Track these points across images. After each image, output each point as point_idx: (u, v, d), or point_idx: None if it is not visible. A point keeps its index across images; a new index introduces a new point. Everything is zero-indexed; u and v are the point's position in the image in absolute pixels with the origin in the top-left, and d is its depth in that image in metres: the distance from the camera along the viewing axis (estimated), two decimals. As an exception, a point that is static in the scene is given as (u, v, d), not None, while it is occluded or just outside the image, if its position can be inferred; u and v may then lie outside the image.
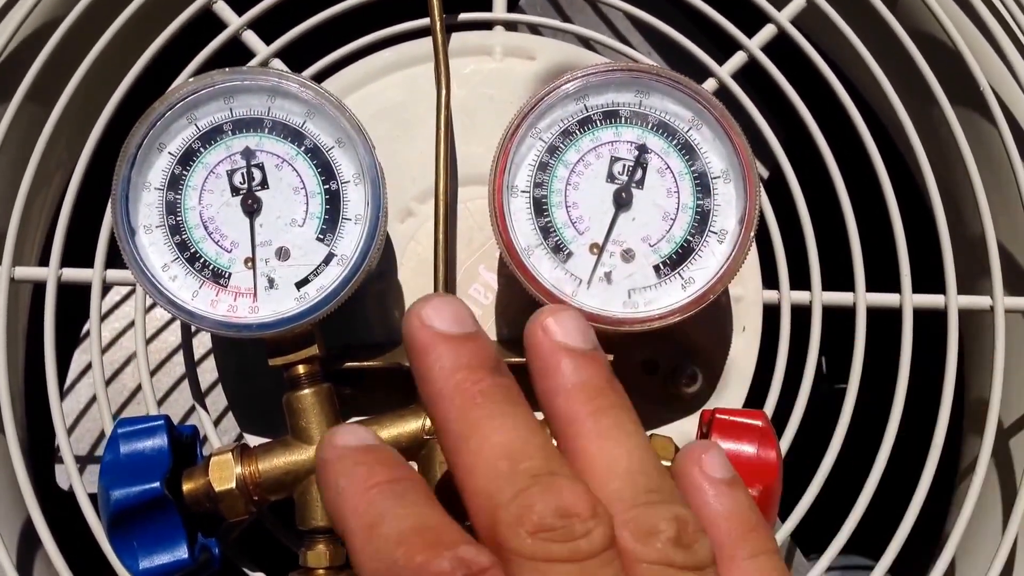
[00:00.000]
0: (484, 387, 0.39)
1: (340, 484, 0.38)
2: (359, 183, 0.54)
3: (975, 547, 0.66)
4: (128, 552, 0.53)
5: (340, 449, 0.39)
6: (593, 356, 0.41)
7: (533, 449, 0.37)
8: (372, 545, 0.36)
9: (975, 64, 0.66)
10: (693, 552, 0.37)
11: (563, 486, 0.36)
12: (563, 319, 0.41)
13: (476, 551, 0.35)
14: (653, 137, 0.55)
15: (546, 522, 0.35)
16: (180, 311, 0.54)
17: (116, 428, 0.54)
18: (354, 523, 0.37)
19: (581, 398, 0.40)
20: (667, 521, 0.37)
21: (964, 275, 0.65)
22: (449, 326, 0.40)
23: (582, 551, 0.35)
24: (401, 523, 0.36)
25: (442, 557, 0.34)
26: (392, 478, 0.38)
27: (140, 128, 0.54)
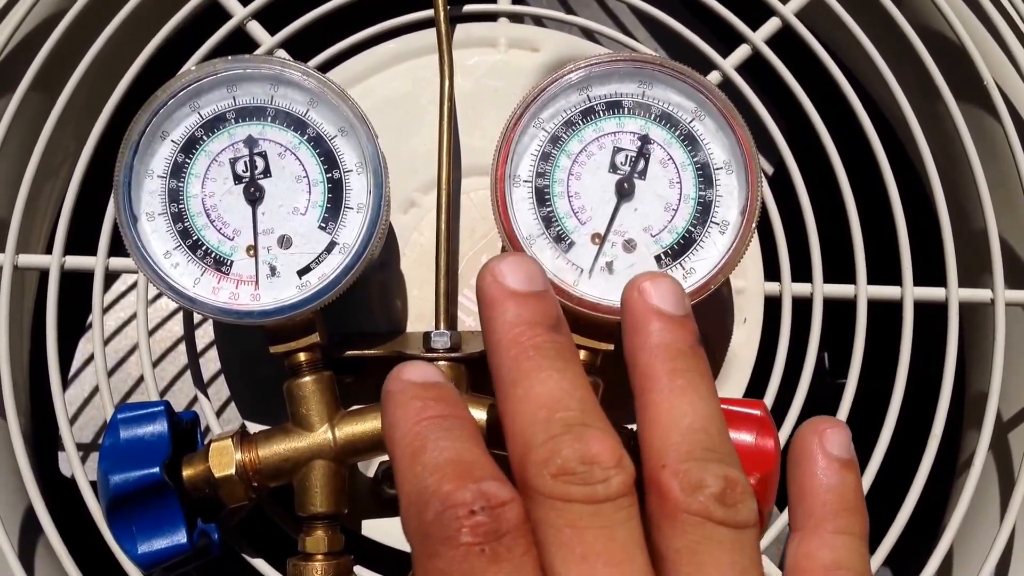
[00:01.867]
0: (539, 342, 0.41)
1: (396, 415, 0.40)
2: (361, 172, 0.55)
3: (972, 538, 0.66)
4: (127, 537, 0.53)
5: (403, 382, 0.41)
6: (683, 322, 0.43)
7: (572, 401, 0.40)
8: (412, 471, 0.38)
9: (979, 59, 0.66)
10: (735, 511, 0.38)
11: (592, 436, 0.38)
12: (661, 284, 0.43)
13: (499, 486, 0.37)
14: (656, 128, 0.55)
15: (569, 466, 0.37)
16: (182, 298, 0.54)
17: (116, 413, 0.54)
18: (400, 451, 0.39)
19: (662, 356, 0.42)
20: (715, 478, 0.38)
21: (965, 269, 0.65)
22: (517, 283, 0.42)
23: (599, 495, 0.37)
24: (440, 454, 0.38)
25: (466, 488, 0.36)
26: (442, 414, 0.40)
27: (143, 116, 0.54)
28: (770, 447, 0.53)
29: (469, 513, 0.36)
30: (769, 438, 0.53)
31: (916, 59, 0.66)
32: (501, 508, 0.36)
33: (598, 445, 0.38)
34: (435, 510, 0.36)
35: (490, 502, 0.36)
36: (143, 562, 0.54)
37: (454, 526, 0.35)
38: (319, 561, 0.55)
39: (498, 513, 0.36)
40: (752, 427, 0.54)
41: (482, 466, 0.38)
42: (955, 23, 0.66)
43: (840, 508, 0.41)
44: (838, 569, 0.40)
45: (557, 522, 0.37)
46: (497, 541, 0.36)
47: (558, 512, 0.37)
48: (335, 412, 0.56)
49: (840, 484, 0.42)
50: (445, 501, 0.36)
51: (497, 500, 0.36)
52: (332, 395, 0.56)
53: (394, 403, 0.41)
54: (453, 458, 0.38)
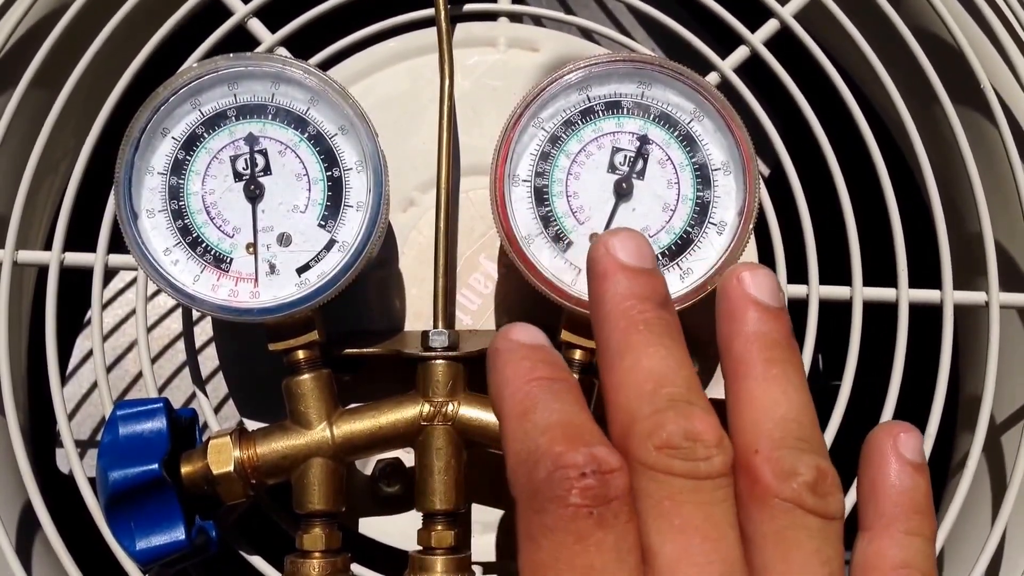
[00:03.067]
0: (648, 317, 0.42)
1: (506, 372, 0.41)
2: (361, 170, 0.55)
3: (963, 540, 0.66)
4: (125, 533, 0.54)
5: (512, 342, 0.42)
6: (778, 314, 0.44)
7: (679, 379, 0.40)
8: (521, 429, 0.39)
9: (976, 62, 0.66)
10: (825, 502, 0.39)
11: (696, 415, 0.39)
12: (759, 275, 0.44)
13: (609, 452, 0.37)
14: (655, 128, 0.55)
15: (673, 440, 0.38)
16: (181, 295, 0.54)
17: (115, 410, 0.55)
18: (509, 408, 0.40)
19: (758, 345, 0.43)
20: (808, 467, 0.39)
21: (961, 273, 0.65)
22: (630, 258, 0.43)
23: (700, 471, 0.38)
24: (551, 416, 0.39)
25: (578, 451, 0.37)
26: (552, 376, 0.41)
27: (144, 112, 0.54)
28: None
29: (580, 476, 0.36)
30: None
31: (913, 62, 0.66)
32: (611, 475, 0.37)
33: (702, 423, 0.38)
34: (547, 469, 0.37)
35: (600, 467, 0.37)
36: (141, 559, 0.54)
37: (565, 486, 0.36)
38: (317, 559, 0.55)
39: (607, 479, 0.37)
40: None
41: (591, 431, 0.38)
42: (952, 27, 0.66)
43: (912, 510, 0.42)
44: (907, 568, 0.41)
45: (657, 494, 0.38)
46: (605, 506, 0.36)
47: (659, 484, 0.38)
48: (333, 410, 0.56)
49: (913, 487, 0.42)
50: (557, 461, 0.37)
51: (607, 466, 0.37)
52: (330, 393, 0.56)
53: (503, 360, 0.42)
54: (564, 420, 0.38)
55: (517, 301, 0.62)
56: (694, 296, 0.54)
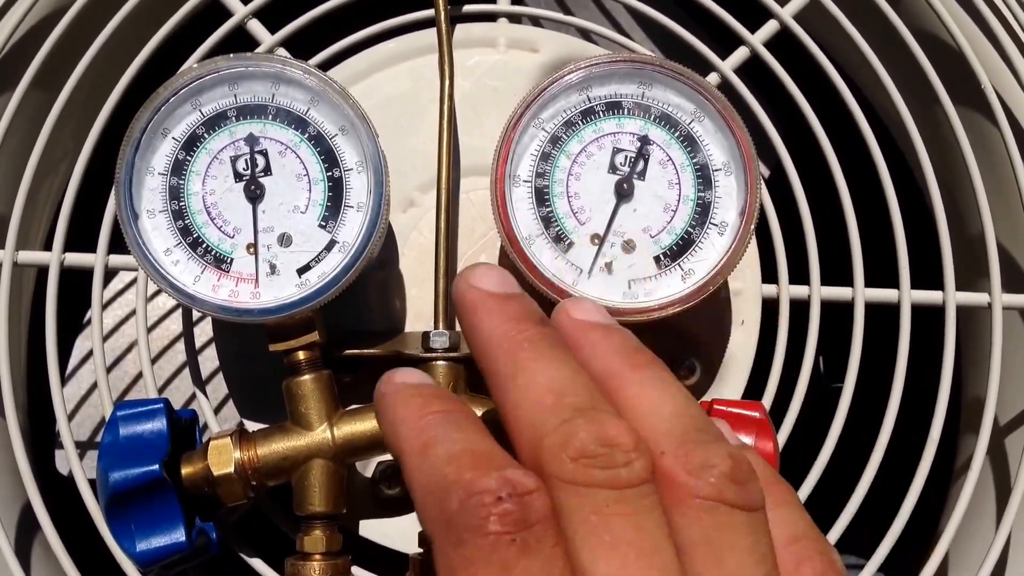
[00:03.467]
0: (529, 335, 0.41)
1: (399, 412, 0.40)
2: (362, 171, 0.55)
3: (969, 543, 0.66)
4: (126, 534, 0.53)
5: (398, 384, 0.42)
6: (619, 329, 0.43)
7: (578, 387, 0.39)
8: (426, 463, 0.37)
9: (977, 63, 0.66)
10: (747, 491, 0.37)
11: (606, 420, 0.37)
12: (583, 304, 0.44)
13: (523, 474, 0.35)
14: (655, 129, 0.55)
15: (588, 448, 0.36)
16: (182, 295, 0.54)
17: (115, 411, 0.54)
18: (409, 445, 0.39)
19: (619, 357, 0.42)
20: (721, 456, 0.37)
21: (963, 275, 0.65)
22: (494, 286, 0.42)
23: (621, 479, 0.36)
24: (453, 446, 0.37)
25: (489, 476, 0.35)
26: (446, 409, 0.40)
27: (145, 113, 0.54)
28: (769, 449, 0.53)
29: (496, 500, 0.34)
30: (768, 440, 0.54)
31: (913, 63, 0.66)
32: (529, 496, 0.35)
33: (614, 428, 0.36)
34: (459, 498, 0.35)
35: (516, 489, 0.35)
36: (141, 560, 0.54)
37: (481, 513, 0.34)
38: (317, 561, 0.55)
39: (526, 501, 0.35)
40: (751, 429, 0.54)
41: (500, 455, 0.37)
42: (953, 27, 0.66)
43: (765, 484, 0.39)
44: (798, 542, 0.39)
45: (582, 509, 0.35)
46: (527, 531, 0.34)
47: (581, 498, 0.35)
48: (334, 411, 0.56)
49: (759, 463, 0.41)
50: (469, 488, 0.35)
51: (524, 487, 0.35)
52: (331, 394, 0.56)
53: (393, 401, 0.41)
54: (467, 449, 0.37)
55: (518, 302, 0.62)
56: (696, 297, 0.54)
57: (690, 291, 0.54)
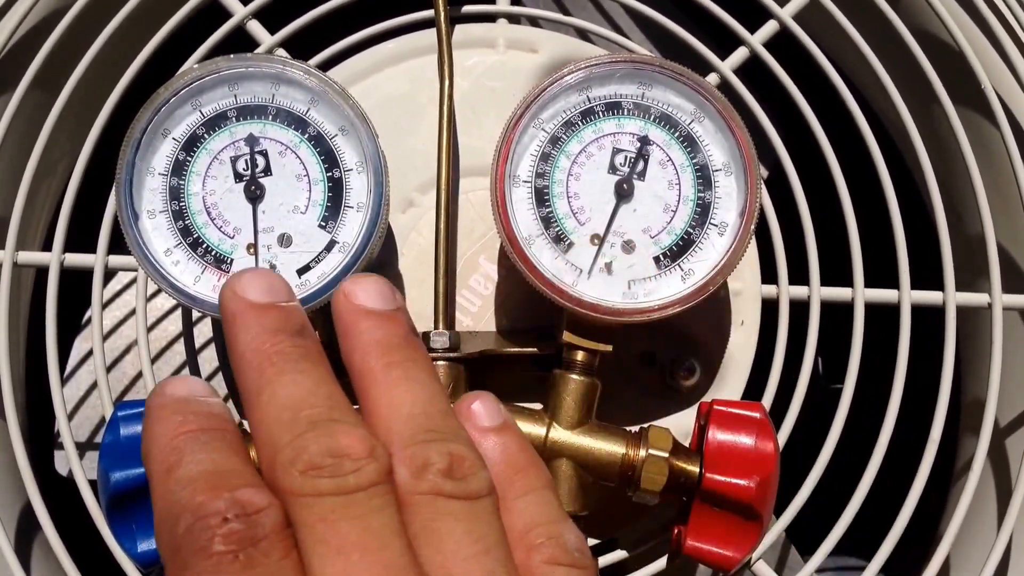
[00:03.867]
0: (281, 348, 0.40)
1: (154, 430, 0.39)
2: (362, 171, 0.55)
3: (970, 545, 0.66)
4: (127, 535, 0.53)
5: (165, 397, 0.40)
6: (391, 316, 0.43)
7: (317, 400, 0.39)
8: (165, 487, 0.37)
9: (977, 63, 0.66)
10: (465, 483, 0.38)
11: (340, 430, 0.37)
12: (363, 283, 0.43)
13: (255, 492, 0.36)
14: (655, 129, 0.55)
15: (316, 460, 0.36)
16: (182, 295, 0.54)
17: (116, 411, 0.54)
18: (155, 467, 0.38)
19: (375, 353, 0.41)
20: (440, 455, 0.38)
21: (963, 275, 0.65)
22: (259, 295, 0.41)
23: (348, 485, 0.36)
24: (195, 468, 0.37)
25: (220, 498, 0.35)
26: (202, 428, 0.39)
27: (145, 113, 0.54)
28: (769, 449, 0.53)
29: (222, 521, 0.35)
30: (768, 440, 0.54)
31: (913, 63, 0.66)
32: (257, 514, 0.35)
33: (346, 438, 0.37)
34: (186, 523, 0.35)
35: (245, 509, 0.35)
36: (143, 560, 0.53)
37: (206, 536, 0.35)
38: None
39: (254, 519, 0.35)
40: (752, 429, 0.54)
41: (240, 475, 0.37)
42: (952, 27, 0.66)
43: (512, 472, 0.41)
44: (531, 530, 0.40)
45: (309, 519, 0.36)
46: (253, 547, 0.35)
47: (309, 509, 0.36)
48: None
49: (503, 451, 0.42)
50: (197, 512, 0.35)
51: (253, 507, 0.35)
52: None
53: (153, 418, 0.40)
54: (209, 470, 0.37)
55: (517, 302, 0.62)
56: (695, 298, 0.54)
57: (690, 291, 0.54)
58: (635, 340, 0.62)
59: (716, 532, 0.54)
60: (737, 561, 0.54)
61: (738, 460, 0.53)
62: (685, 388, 0.62)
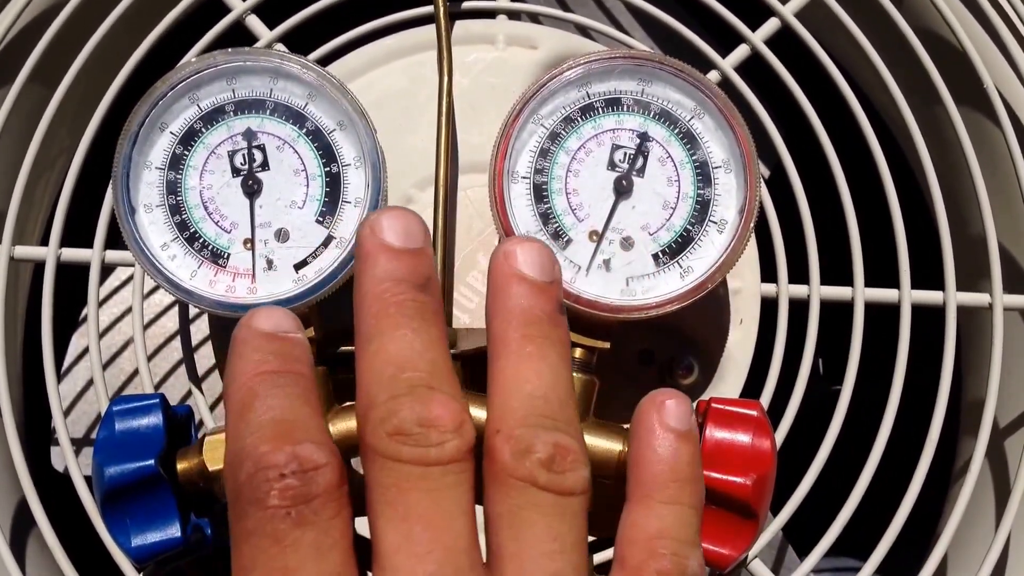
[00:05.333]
0: (402, 300, 0.41)
1: (235, 367, 0.41)
2: (360, 166, 0.54)
3: (968, 545, 0.66)
4: (121, 529, 0.53)
5: (251, 331, 0.42)
6: (544, 288, 0.42)
7: (423, 363, 0.39)
8: (236, 429, 0.39)
9: (980, 63, 0.66)
10: (561, 478, 0.38)
11: (435, 400, 0.38)
12: (527, 248, 0.43)
13: (315, 449, 0.37)
14: (655, 125, 0.55)
15: (405, 427, 0.37)
16: (178, 290, 0.54)
17: (111, 406, 0.54)
18: (231, 405, 0.40)
19: (516, 322, 0.42)
20: (544, 444, 0.38)
21: (964, 275, 0.64)
22: (395, 238, 0.42)
23: (429, 457, 0.37)
24: (265, 413, 0.38)
25: (281, 450, 0.37)
26: (279, 370, 0.40)
27: (142, 107, 0.54)
28: (767, 447, 0.53)
29: (279, 476, 0.36)
30: (766, 439, 0.53)
31: (916, 62, 0.66)
32: (313, 472, 0.36)
33: (440, 408, 0.38)
34: (248, 471, 0.37)
35: (303, 465, 0.36)
36: (137, 555, 0.53)
37: (264, 488, 0.36)
38: (312, 556, 0.54)
39: (309, 477, 0.36)
40: (749, 427, 0.53)
41: (305, 427, 0.38)
42: (956, 27, 0.66)
43: (671, 479, 0.41)
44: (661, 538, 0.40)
45: (385, 481, 0.37)
46: (305, 504, 0.36)
47: (387, 471, 0.37)
48: (329, 408, 0.55)
49: (674, 455, 0.42)
50: (259, 463, 0.36)
51: (311, 464, 0.37)
52: (326, 390, 0.56)
53: (235, 353, 0.42)
54: (277, 418, 0.38)
55: (516, 300, 0.62)
56: (694, 295, 0.54)
57: (688, 288, 0.54)
58: (633, 338, 0.62)
59: (712, 530, 0.53)
60: (733, 559, 0.54)
61: (735, 458, 0.52)
62: (683, 386, 0.62)
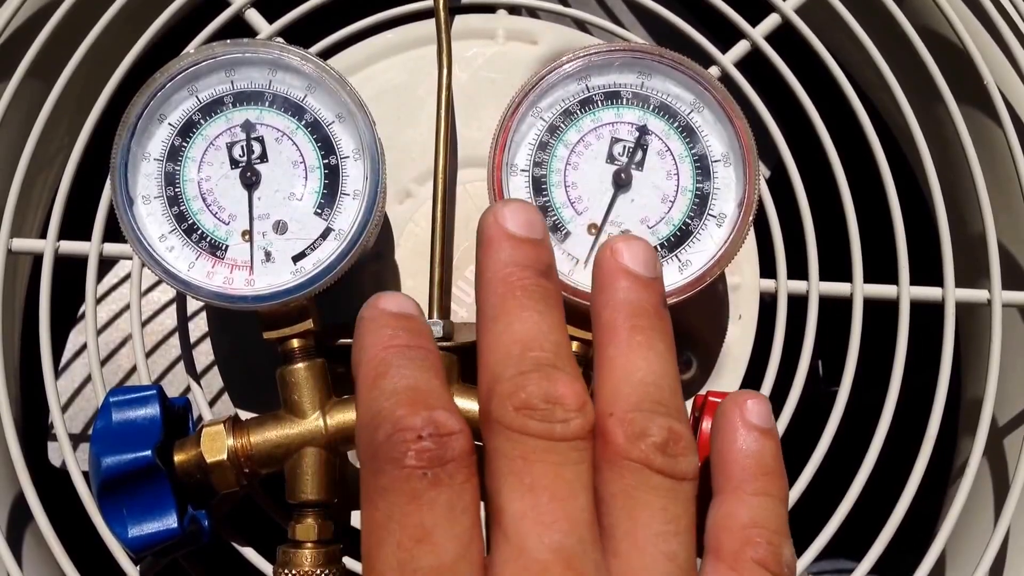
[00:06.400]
0: (527, 284, 0.43)
1: (367, 340, 0.42)
2: (358, 158, 0.54)
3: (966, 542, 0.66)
4: (117, 520, 0.53)
5: (378, 311, 0.43)
6: (649, 283, 0.44)
7: (548, 344, 0.41)
8: (371, 394, 0.40)
9: (980, 60, 0.66)
10: (675, 462, 0.40)
11: (560, 379, 0.39)
12: (633, 245, 0.44)
13: (449, 416, 0.38)
14: (654, 119, 0.55)
15: (532, 401, 0.39)
16: (176, 281, 0.54)
17: (108, 396, 0.54)
18: (364, 374, 0.41)
19: (625, 313, 0.43)
20: (660, 428, 0.40)
21: (963, 273, 0.64)
22: (518, 228, 0.44)
23: (555, 433, 0.39)
24: (399, 380, 0.40)
25: (418, 415, 0.38)
26: (409, 344, 0.42)
27: (141, 98, 0.54)
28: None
29: (417, 438, 0.37)
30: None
31: (916, 60, 0.66)
32: (448, 437, 0.38)
33: (565, 388, 0.39)
34: (386, 432, 0.38)
35: (439, 430, 0.38)
36: (134, 546, 0.53)
37: (401, 448, 0.37)
38: (309, 549, 0.54)
39: (445, 441, 0.38)
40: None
41: (438, 396, 0.39)
42: (957, 24, 0.66)
43: (760, 472, 0.42)
44: (755, 527, 0.41)
45: (511, 452, 0.38)
46: (440, 467, 0.37)
47: (513, 444, 0.38)
48: (327, 399, 0.56)
49: (760, 450, 0.42)
50: (397, 424, 0.38)
51: (446, 429, 0.38)
52: (324, 382, 0.56)
53: (366, 328, 0.43)
54: (411, 385, 0.39)
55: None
56: (692, 288, 0.54)
57: (687, 282, 0.54)
58: (632, 333, 0.62)
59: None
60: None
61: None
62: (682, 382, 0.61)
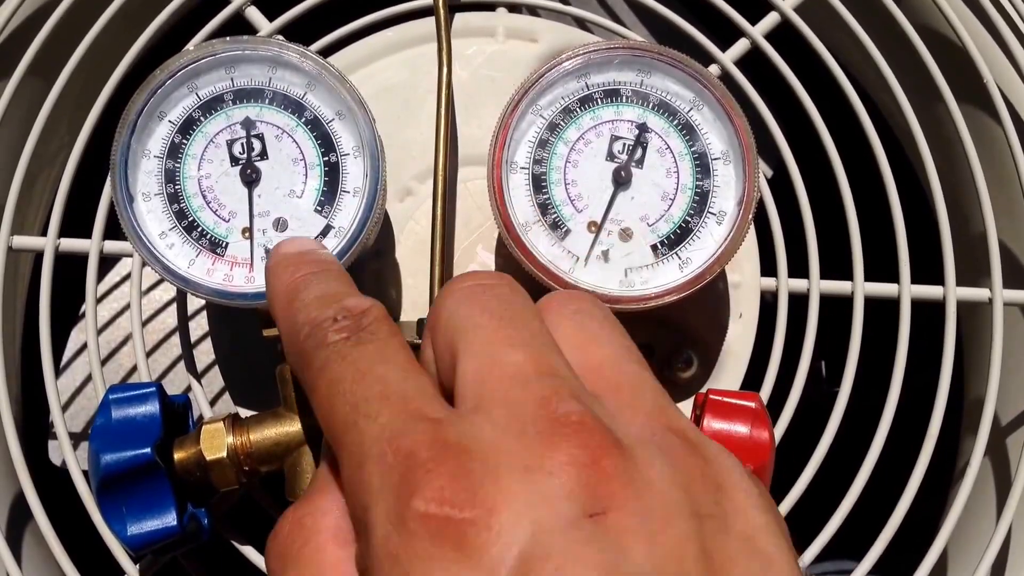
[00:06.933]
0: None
1: (275, 283, 0.44)
2: (358, 156, 0.54)
3: (968, 541, 0.66)
4: (117, 517, 0.53)
5: (279, 257, 0.46)
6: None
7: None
8: (286, 316, 0.42)
9: (980, 59, 0.66)
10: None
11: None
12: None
13: (358, 299, 0.40)
14: (654, 117, 0.55)
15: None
16: (176, 279, 0.54)
17: (108, 393, 0.54)
18: (277, 306, 0.43)
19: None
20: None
21: (964, 272, 0.64)
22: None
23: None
24: (311, 293, 0.42)
25: (329, 307, 0.40)
26: (315, 270, 0.44)
27: (141, 95, 0.54)
28: (765, 439, 0.53)
29: (333, 321, 0.39)
30: (764, 430, 0.53)
31: (916, 59, 0.66)
32: (361, 313, 0.39)
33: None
34: (305, 332, 0.39)
35: (351, 311, 0.39)
36: (133, 544, 0.53)
37: (321, 334, 0.39)
38: (308, 546, 0.54)
39: (359, 316, 0.39)
40: (747, 419, 0.53)
41: (347, 293, 0.41)
42: (956, 23, 0.66)
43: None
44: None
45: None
46: (362, 331, 0.38)
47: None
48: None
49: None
50: (313, 321, 0.40)
51: (358, 308, 0.39)
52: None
53: (271, 275, 0.45)
54: (320, 294, 0.42)
55: (514, 292, 0.62)
56: (692, 286, 0.54)
57: (687, 279, 0.54)
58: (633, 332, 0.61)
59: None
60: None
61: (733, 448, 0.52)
62: (683, 380, 0.61)
